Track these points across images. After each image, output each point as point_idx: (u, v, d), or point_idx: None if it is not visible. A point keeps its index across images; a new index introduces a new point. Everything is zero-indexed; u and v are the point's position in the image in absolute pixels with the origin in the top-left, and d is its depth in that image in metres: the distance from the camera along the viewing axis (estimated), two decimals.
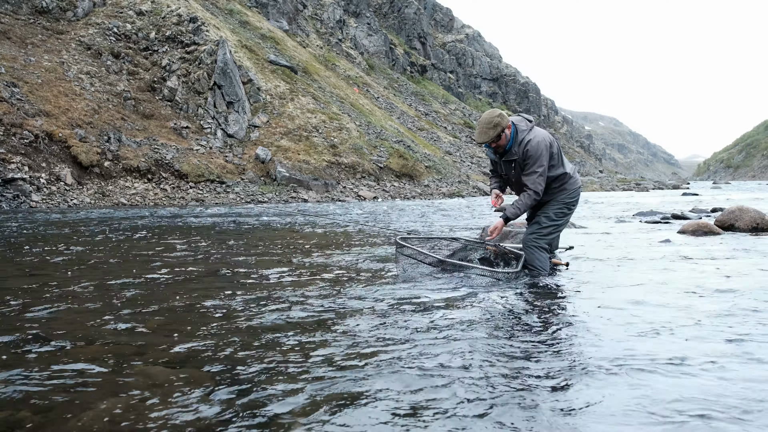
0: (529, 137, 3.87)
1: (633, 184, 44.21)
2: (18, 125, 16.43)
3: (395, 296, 3.36)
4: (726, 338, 2.44)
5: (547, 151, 3.87)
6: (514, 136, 3.92)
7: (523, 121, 4.00)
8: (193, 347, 2.34)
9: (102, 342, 2.42)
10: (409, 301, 3.23)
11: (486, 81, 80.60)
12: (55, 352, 2.26)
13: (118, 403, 1.76)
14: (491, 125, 3.82)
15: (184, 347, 2.34)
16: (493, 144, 3.94)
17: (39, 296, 3.37)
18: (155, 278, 4.04)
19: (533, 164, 3.84)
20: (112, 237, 7.26)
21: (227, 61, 24.92)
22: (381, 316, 2.87)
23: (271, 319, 2.82)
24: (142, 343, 2.41)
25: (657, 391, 1.83)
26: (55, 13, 23.81)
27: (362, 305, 3.11)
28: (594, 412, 1.68)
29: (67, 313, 2.96)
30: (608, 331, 2.59)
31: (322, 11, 53.71)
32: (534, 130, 3.94)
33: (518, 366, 2.10)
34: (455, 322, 2.76)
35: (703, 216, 10.00)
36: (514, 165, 3.97)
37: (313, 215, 12.36)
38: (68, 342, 2.40)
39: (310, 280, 3.92)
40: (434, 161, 34.26)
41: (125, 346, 2.36)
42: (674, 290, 3.51)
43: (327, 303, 3.18)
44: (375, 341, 2.41)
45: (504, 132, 3.85)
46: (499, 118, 3.83)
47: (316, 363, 2.13)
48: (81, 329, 2.62)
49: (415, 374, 2.00)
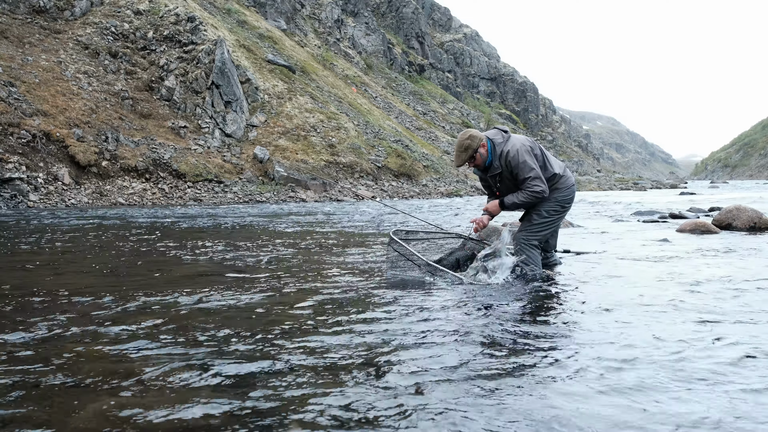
0: (507, 148, 3.90)
1: (631, 184, 44.27)
2: (15, 125, 16.41)
3: (382, 298, 3.36)
4: (725, 337, 2.45)
5: (529, 154, 3.90)
6: (492, 151, 3.97)
7: (498, 134, 4.03)
8: (198, 348, 2.34)
9: (103, 341, 2.42)
10: (386, 303, 3.24)
11: (484, 80, 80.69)
12: (55, 352, 2.26)
13: (118, 401, 1.76)
14: (462, 148, 3.91)
15: (186, 347, 2.34)
16: (471, 165, 4.02)
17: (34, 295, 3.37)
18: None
19: (522, 171, 3.86)
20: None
21: (225, 60, 24.90)
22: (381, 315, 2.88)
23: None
24: (145, 342, 2.41)
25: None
26: (52, 12, 23.75)
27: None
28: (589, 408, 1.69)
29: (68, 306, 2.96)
30: (600, 332, 2.59)
31: (320, 11, 53.71)
32: (510, 140, 3.97)
33: (509, 365, 2.11)
34: (437, 318, 2.77)
35: (700, 215, 10.02)
36: (500, 178, 4.02)
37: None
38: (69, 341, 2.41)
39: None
40: (432, 161, 34.30)
41: (127, 345, 2.36)
42: (674, 290, 3.52)
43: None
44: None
45: (478, 152, 3.92)
46: (469, 140, 3.90)
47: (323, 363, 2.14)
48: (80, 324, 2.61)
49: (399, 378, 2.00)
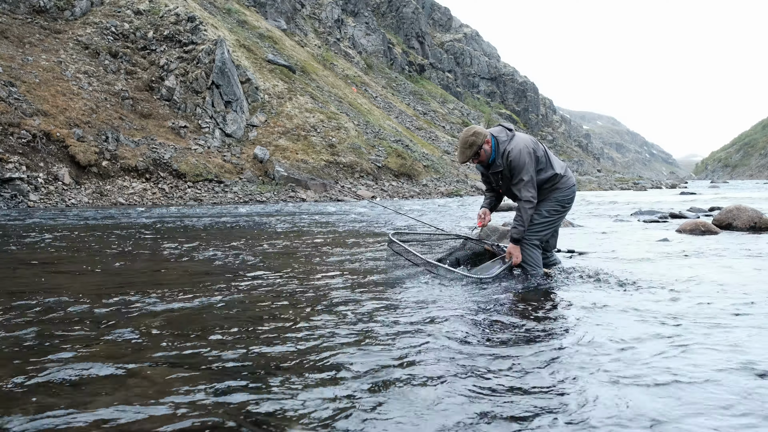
0: (510, 147, 3.87)
1: (631, 184, 44.28)
2: (15, 125, 16.41)
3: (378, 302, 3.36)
4: (722, 337, 2.45)
5: (530, 157, 3.87)
6: (496, 148, 3.94)
7: (503, 132, 4.01)
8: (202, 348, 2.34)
9: (103, 341, 2.42)
10: (382, 307, 3.24)
11: (484, 80, 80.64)
12: (55, 351, 2.26)
13: (119, 401, 1.76)
14: (467, 145, 3.86)
15: (188, 348, 2.34)
16: (475, 161, 3.98)
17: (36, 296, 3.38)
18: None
19: (518, 174, 3.85)
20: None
21: (225, 60, 24.90)
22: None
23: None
24: (144, 343, 2.41)
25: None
26: (52, 12, 23.75)
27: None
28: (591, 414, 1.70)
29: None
30: (599, 333, 2.59)
31: (320, 10, 53.69)
32: (515, 139, 3.94)
33: (506, 366, 2.11)
34: (437, 321, 2.77)
35: (701, 215, 10.02)
36: (501, 176, 4.01)
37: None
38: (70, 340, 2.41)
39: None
40: (432, 160, 34.29)
41: (126, 345, 2.37)
42: (672, 289, 3.52)
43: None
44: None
45: (482, 148, 3.88)
46: (473, 137, 3.85)
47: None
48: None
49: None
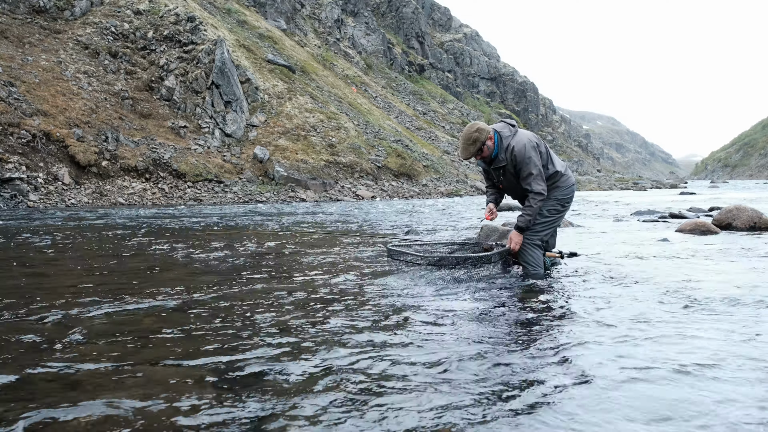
0: (514, 142, 3.91)
1: (631, 184, 44.30)
2: (15, 125, 16.40)
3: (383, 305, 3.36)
4: (723, 335, 2.45)
5: (535, 151, 3.90)
6: (499, 144, 3.96)
7: (506, 128, 4.04)
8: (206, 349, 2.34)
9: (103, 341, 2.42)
10: (389, 307, 3.24)
11: (484, 80, 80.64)
12: (54, 351, 2.26)
13: (119, 401, 1.76)
14: (470, 141, 3.88)
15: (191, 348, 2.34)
16: (478, 157, 4.00)
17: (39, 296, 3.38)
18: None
19: (526, 167, 3.87)
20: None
21: (225, 60, 24.89)
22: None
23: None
24: (146, 342, 2.41)
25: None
26: (52, 12, 23.74)
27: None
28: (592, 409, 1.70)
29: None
30: (600, 335, 2.59)
31: (320, 10, 53.69)
32: (518, 135, 3.97)
33: (509, 362, 2.11)
34: (441, 323, 2.77)
35: (700, 215, 10.02)
36: (503, 171, 4.02)
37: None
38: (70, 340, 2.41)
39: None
40: (432, 160, 34.29)
41: (126, 345, 2.36)
42: (672, 289, 3.52)
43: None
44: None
45: (485, 144, 3.91)
46: (477, 133, 3.87)
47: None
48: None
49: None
